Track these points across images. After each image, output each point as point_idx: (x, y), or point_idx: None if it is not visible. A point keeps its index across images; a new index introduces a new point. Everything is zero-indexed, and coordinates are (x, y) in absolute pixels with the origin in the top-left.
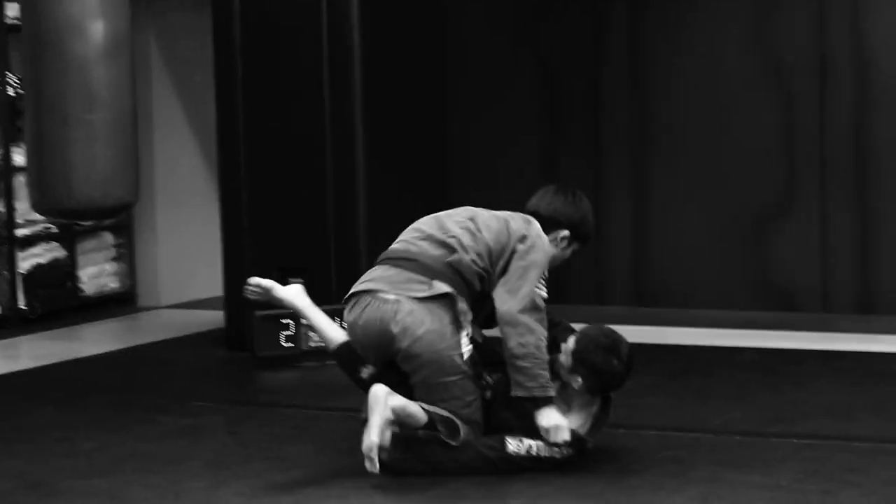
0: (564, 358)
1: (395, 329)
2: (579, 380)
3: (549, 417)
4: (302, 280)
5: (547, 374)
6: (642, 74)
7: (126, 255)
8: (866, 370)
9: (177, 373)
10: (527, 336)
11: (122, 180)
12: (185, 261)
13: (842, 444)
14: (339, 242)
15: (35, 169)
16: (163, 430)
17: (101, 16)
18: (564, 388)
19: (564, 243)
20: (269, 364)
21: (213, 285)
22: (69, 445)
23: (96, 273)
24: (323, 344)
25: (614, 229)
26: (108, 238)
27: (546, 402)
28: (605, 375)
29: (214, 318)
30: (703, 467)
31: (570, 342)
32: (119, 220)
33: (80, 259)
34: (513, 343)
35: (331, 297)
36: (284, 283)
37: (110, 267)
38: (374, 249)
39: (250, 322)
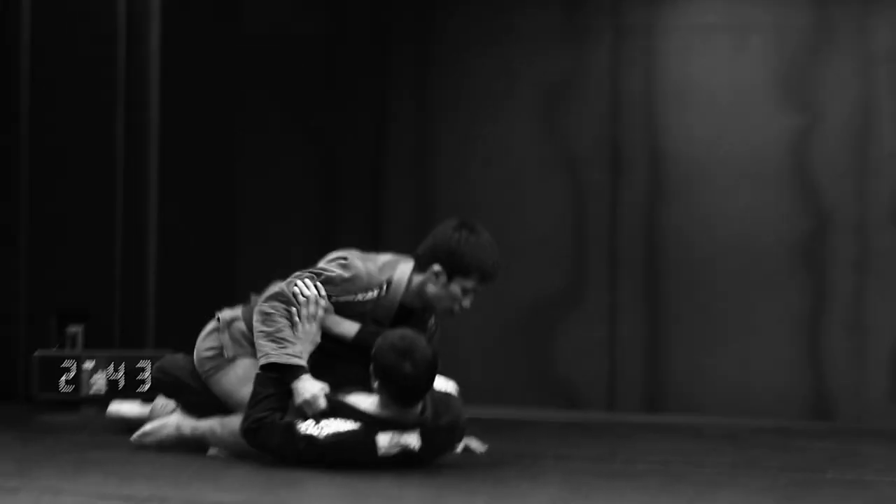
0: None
1: None
2: (375, 386)
3: (302, 390)
4: (82, 325)
5: (283, 344)
6: (427, 161)
7: None
8: None
9: None
10: (257, 318)
11: None
12: None
13: None
14: (125, 284)
15: None
16: None
17: None
18: None
19: (442, 279)
20: (48, 408)
21: None
22: None
23: None
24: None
25: None
26: None
27: (292, 372)
28: (395, 380)
29: None
30: None
31: None
32: None
33: None
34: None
35: (113, 343)
36: (63, 329)
37: None
38: (163, 292)
39: (28, 365)
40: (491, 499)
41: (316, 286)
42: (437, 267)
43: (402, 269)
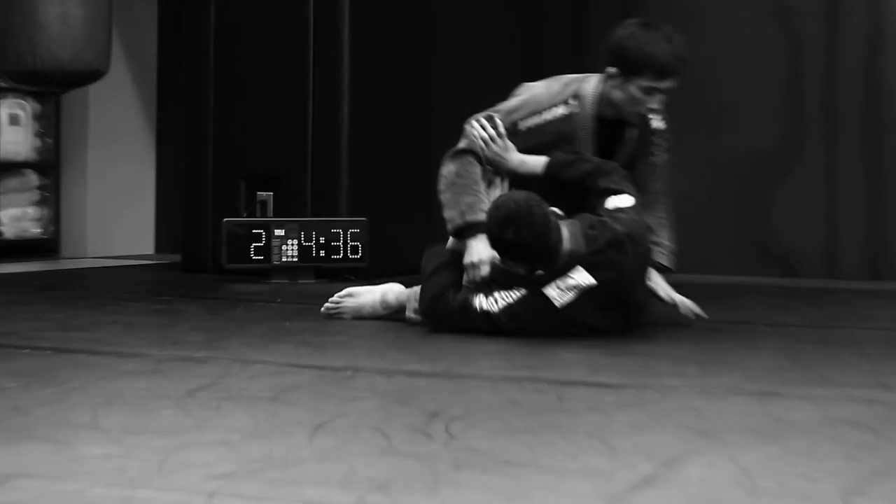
0: None
1: None
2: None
3: (471, 251)
4: (272, 193)
5: (468, 200)
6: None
7: (51, 198)
8: None
9: (136, 283)
10: (441, 175)
11: (93, 45)
12: (116, 210)
13: None
14: (317, 148)
15: None
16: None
17: None
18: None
19: (617, 80)
20: (238, 279)
21: (145, 242)
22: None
23: (18, 216)
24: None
25: None
26: (33, 178)
27: (471, 230)
28: (505, 249)
29: (154, 263)
30: None
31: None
32: (45, 158)
33: (2, 199)
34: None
35: (305, 211)
36: (252, 195)
37: (33, 211)
38: (356, 155)
39: (217, 232)
40: (701, 367)
41: (493, 123)
42: (611, 68)
43: (591, 80)
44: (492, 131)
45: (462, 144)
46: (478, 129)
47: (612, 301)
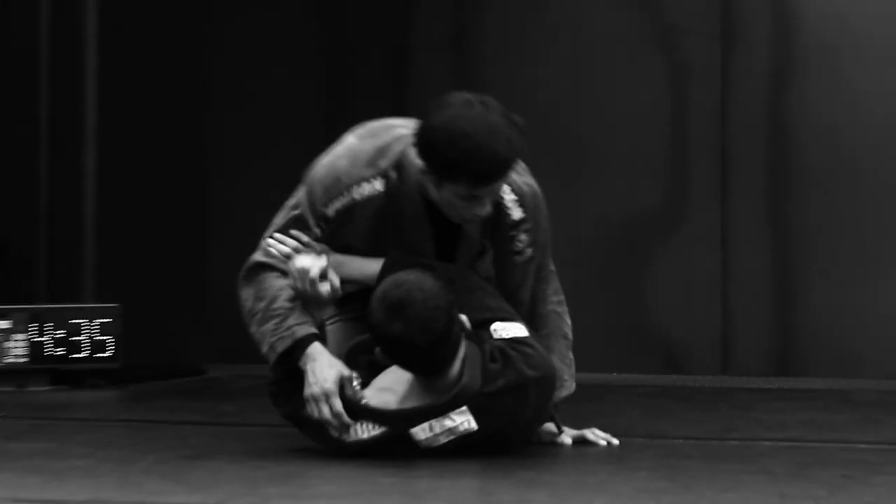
0: None
1: None
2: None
3: (307, 379)
4: None
5: (269, 327)
6: (468, 40)
7: None
8: None
9: None
10: (241, 305)
11: None
12: None
13: None
14: (53, 212)
15: None
16: None
17: None
18: None
19: (429, 177)
20: None
21: None
22: None
23: None
24: None
25: None
26: None
27: (295, 355)
28: (386, 344)
29: None
30: None
31: None
32: None
33: None
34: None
35: (37, 296)
36: None
37: None
38: (107, 221)
39: None
40: (554, 492)
41: (289, 229)
42: (419, 162)
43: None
44: (293, 243)
45: (256, 257)
46: (274, 245)
47: (485, 443)
